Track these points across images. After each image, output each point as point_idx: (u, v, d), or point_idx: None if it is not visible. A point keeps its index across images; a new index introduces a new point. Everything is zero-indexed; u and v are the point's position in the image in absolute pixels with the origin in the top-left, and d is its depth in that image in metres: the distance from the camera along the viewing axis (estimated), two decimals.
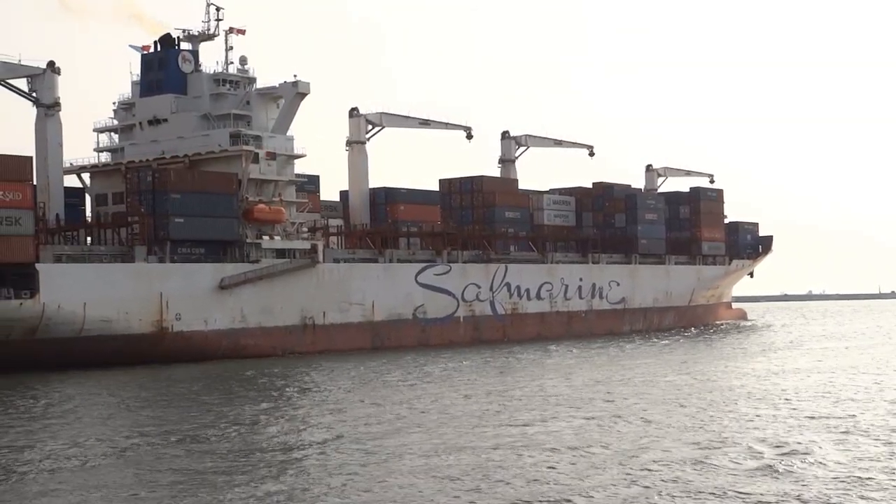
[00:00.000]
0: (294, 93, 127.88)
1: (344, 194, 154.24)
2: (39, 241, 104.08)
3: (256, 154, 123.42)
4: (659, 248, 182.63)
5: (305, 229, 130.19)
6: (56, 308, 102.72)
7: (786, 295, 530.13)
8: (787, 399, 68.18)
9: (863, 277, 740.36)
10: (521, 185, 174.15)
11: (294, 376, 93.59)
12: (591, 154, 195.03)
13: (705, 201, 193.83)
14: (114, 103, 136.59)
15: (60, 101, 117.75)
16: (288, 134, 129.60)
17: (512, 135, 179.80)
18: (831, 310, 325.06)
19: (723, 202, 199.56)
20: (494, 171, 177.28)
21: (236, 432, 56.91)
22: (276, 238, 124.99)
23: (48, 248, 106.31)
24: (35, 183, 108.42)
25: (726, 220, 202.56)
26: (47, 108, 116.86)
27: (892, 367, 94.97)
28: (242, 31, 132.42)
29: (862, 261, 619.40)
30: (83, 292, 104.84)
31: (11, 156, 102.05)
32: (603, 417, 60.15)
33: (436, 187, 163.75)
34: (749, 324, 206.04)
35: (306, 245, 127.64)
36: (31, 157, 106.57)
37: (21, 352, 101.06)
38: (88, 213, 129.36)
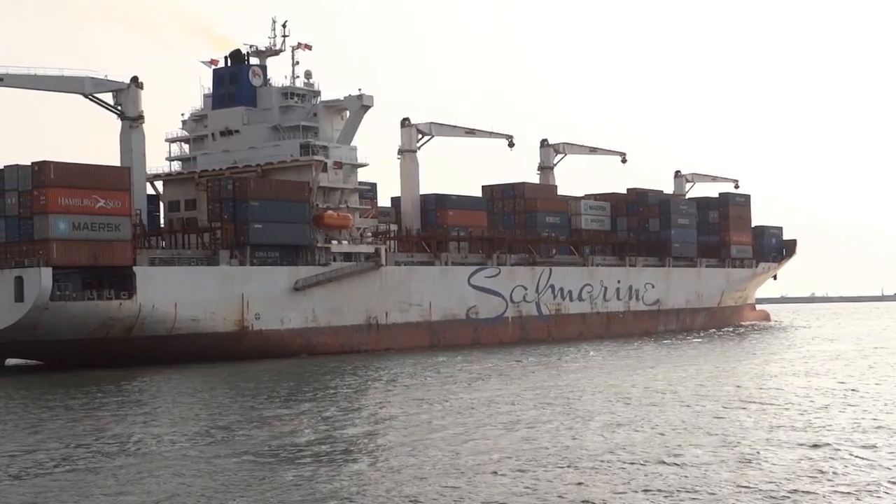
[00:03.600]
0: (359, 105, 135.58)
1: (395, 200, 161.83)
2: (136, 246, 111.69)
3: (325, 163, 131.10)
4: (691, 252, 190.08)
5: (370, 234, 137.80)
6: (151, 308, 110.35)
7: (784, 297, 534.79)
8: None
9: (865, 280, 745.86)
10: (559, 191, 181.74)
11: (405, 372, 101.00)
12: (624, 161, 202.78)
13: (734, 206, 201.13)
14: (182, 114, 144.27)
15: (143, 114, 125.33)
16: (351, 144, 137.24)
17: (550, 143, 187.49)
18: (837, 311, 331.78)
19: (750, 207, 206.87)
20: (533, 177, 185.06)
21: (366, 420, 64.55)
22: (344, 242, 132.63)
23: (144, 251, 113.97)
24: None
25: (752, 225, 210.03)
26: (132, 121, 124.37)
27: None
28: (309, 47, 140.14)
29: (864, 263, 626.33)
30: (174, 293, 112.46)
31: (112, 166, 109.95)
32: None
33: (477, 193, 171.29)
34: (771, 324, 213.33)
35: (370, 249, 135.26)
36: (128, 168, 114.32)
37: (118, 348, 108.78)
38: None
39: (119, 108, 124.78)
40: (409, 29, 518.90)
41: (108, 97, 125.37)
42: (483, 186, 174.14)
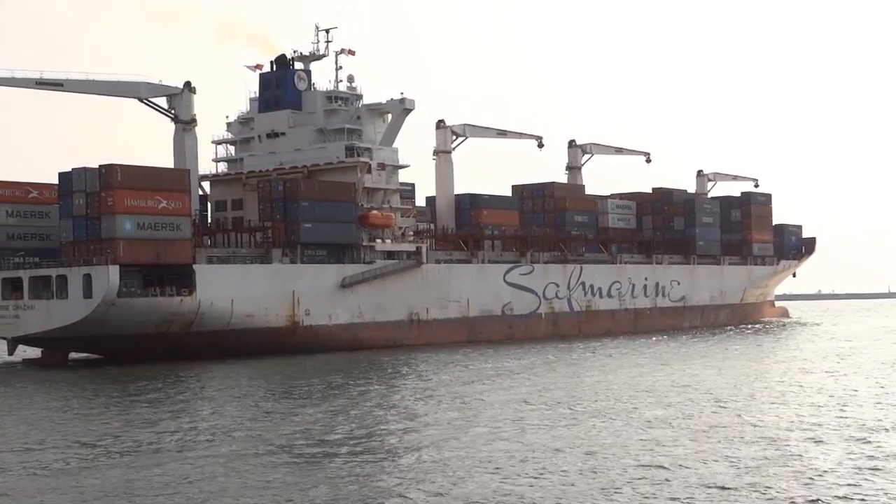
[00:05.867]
0: (401, 109, 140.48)
1: (429, 200, 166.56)
2: (195, 245, 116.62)
3: (370, 165, 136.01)
4: (714, 250, 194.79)
5: (411, 233, 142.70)
6: (209, 304, 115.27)
7: (786, 294, 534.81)
8: None
9: (872, 277, 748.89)
10: (586, 191, 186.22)
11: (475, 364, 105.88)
12: (648, 161, 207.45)
13: (755, 205, 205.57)
14: (227, 117, 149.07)
15: (196, 117, 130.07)
16: (393, 146, 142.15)
17: (578, 143, 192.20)
18: (846, 308, 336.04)
19: (771, 206, 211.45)
20: (561, 177, 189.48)
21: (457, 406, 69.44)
22: (387, 241, 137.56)
23: (202, 250, 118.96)
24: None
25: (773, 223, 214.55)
26: (185, 124, 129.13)
27: None
28: (353, 52, 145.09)
29: (871, 260, 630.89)
30: (231, 290, 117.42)
31: (173, 169, 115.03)
32: None
33: (505, 192, 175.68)
34: (791, 321, 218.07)
35: (412, 247, 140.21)
36: (188, 170, 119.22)
37: (178, 343, 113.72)
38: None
39: (173, 111, 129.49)
40: (432, 30, 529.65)
41: (161, 101, 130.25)
42: (513, 186, 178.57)
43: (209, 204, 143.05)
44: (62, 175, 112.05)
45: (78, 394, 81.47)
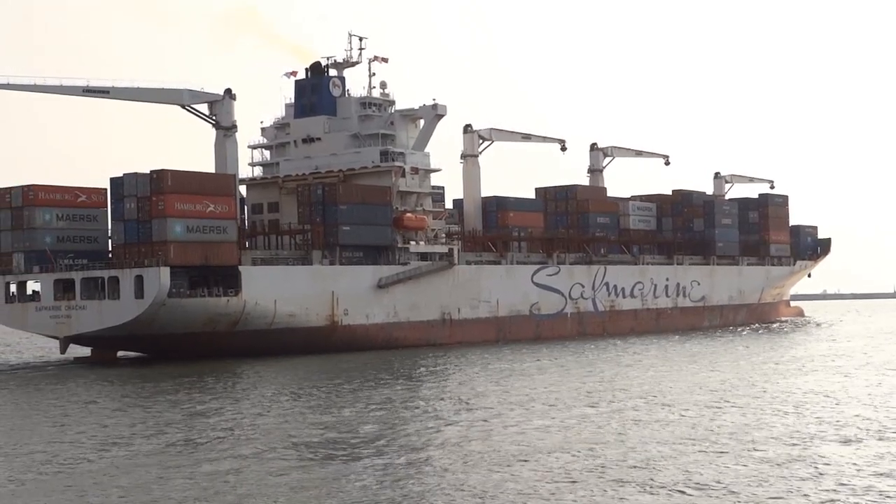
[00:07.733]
0: (433, 114, 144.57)
1: (457, 202, 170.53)
2: (240, 247, 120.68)
3: (403, 169, 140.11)
4: (733, 251, 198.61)
5: (443, 235, 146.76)
6: (254, 304, 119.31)
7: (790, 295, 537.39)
8: None
9: (877, 277, 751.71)
10: (608, 193, 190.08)
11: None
12: (667, 163, 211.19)
13: (773, 206, 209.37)
14: (261, 122, 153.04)
15: (237, 123, 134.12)
16: (425, 150, 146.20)
17: (599, 146, 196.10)
18: (851, 308, 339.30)
19: (788, 207, 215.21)
20: (583, 179, 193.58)
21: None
22: (421, 243, 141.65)
23: (247, 252, 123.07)
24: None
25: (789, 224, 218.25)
26: (226, 130, 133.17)
27: None
28: (385, 60, 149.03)
29: (875, 260, 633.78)
30: (274, 290, 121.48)
31: (219, 174, 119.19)
32: None
33: (528, 194, 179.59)
34: (807, 320, 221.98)
35: (444, 249, 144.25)
36: (234, 175, 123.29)
37: (224, 341, 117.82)
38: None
39: (214, 118, 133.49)
40: (458, 37, 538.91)
41: (202, 107, 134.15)
42: (537, 188, 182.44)
43: (245, 207, 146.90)
44: (114, 180, 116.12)
45: (141, 388, 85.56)
